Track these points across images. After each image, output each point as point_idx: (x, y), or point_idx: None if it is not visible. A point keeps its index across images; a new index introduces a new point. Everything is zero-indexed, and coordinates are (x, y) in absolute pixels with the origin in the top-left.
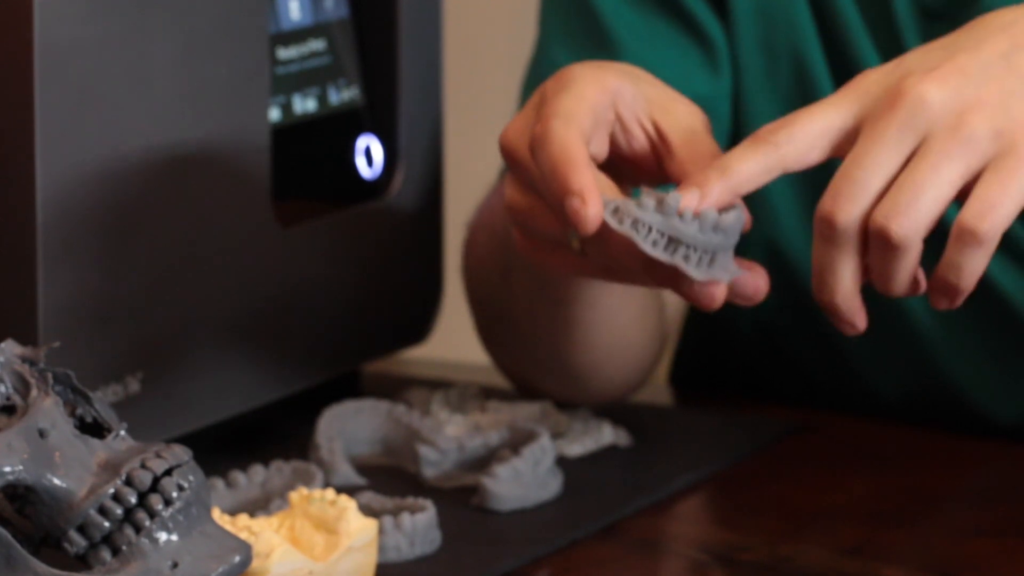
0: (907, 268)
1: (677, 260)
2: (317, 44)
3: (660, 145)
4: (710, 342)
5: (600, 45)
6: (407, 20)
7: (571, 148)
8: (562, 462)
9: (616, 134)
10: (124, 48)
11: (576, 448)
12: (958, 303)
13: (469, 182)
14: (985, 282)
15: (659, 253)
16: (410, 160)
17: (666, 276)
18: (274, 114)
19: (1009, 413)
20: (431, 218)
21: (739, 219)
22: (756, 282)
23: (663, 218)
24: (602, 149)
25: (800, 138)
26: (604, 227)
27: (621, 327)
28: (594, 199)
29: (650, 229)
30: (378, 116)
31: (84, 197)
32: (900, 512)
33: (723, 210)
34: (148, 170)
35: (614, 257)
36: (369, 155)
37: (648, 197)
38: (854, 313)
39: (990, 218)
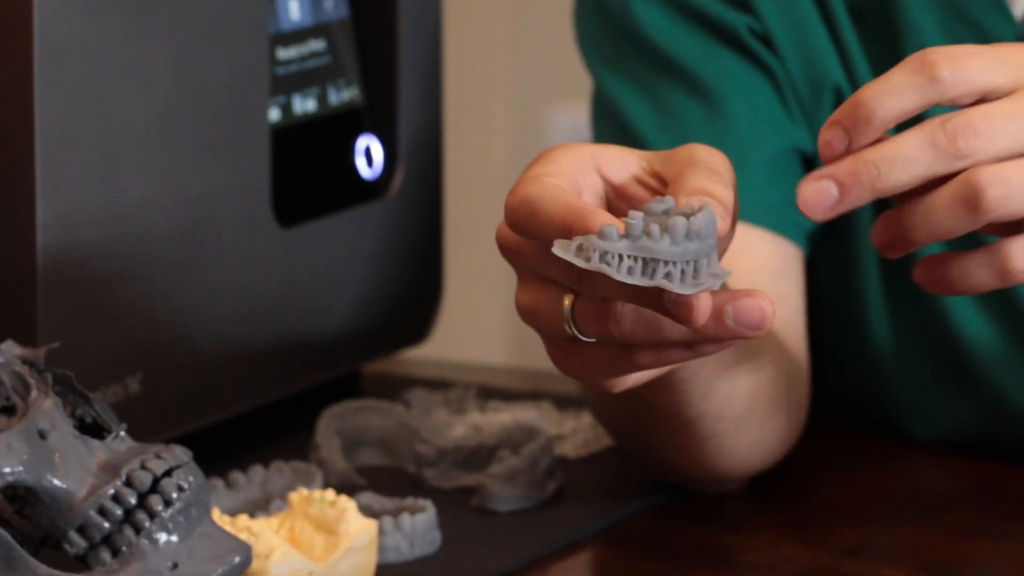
0: (957, 229)
1: (659, 281)
2: (317, 44)
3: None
4: None
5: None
6: (407, 20)
7: (562, 198)
8: (562, 463)
9: (612, 200)
10: (124, 48)
11: (576, 448)
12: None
13: (469, 182)
14: None
15: (637, 279)
16: (410, 160)
17: (650, 298)
18: (274, 114)
19: None
20: (431, 218)
21: (711, 219)
22: (760, 306)
23: (630, 242)
24: None
25: (963, 82)
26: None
27: (747, 422)
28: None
29: (621, 257)
30: (378, 116)
31: (84, 197)
32: (900, 512)
33: (692, 214)
34: (148, 170)
35: (605, 295)
36: (369, 155)
37: (610, 227)
38: (858, 199)
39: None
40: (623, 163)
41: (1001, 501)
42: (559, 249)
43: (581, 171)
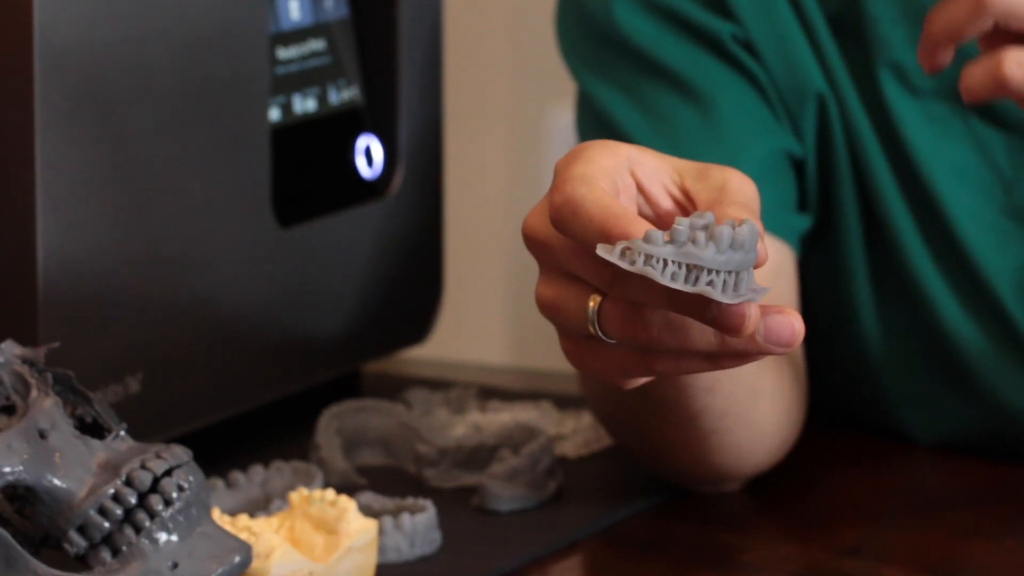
0: (962, 23)
1: (702, 287)
2: (317, 44)
3: (691, 210)
4: None
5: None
6: (407, 20)
7: (603, 201)
8: (562, 462)
9: (640, 206)
10: (124, 48)
11: (576, 448)
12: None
13: (469, 182)
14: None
15: (680, 284)
16: (410, 160)
17: (691, 306)
18: (274, 114)
19: None
20: (431, 218)
21: (754, 233)
22: (791, 323)
23: (676, 247)
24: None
25: None
26: (621, 272)
27: (750, 419)
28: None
29: (665, 262)
30: (378, 116)
31: (84, 197)
32: (900, 512)
33: (734, 228)
34: (148, 170)
35: (641, 300)
36: (369, 155)
37: (655, 232)
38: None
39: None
40: (656, 170)
41: (1001, 501)
42: (603, 250)
43: (619, 171)
